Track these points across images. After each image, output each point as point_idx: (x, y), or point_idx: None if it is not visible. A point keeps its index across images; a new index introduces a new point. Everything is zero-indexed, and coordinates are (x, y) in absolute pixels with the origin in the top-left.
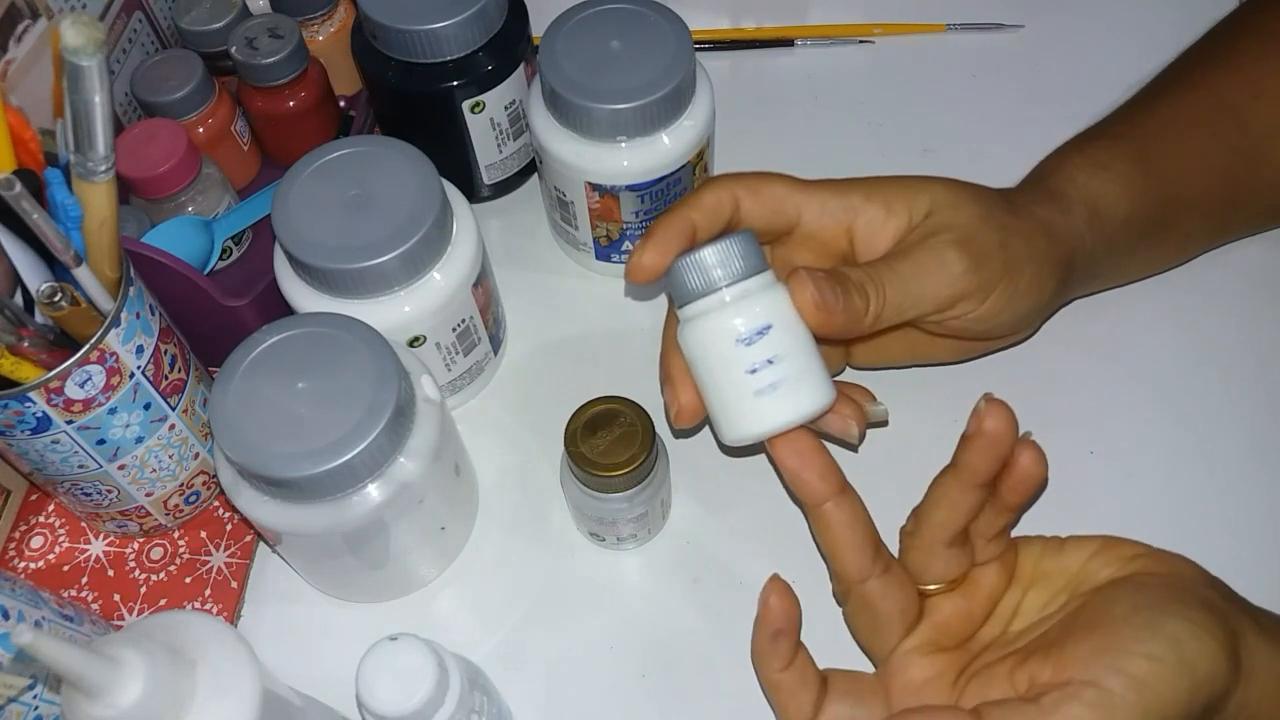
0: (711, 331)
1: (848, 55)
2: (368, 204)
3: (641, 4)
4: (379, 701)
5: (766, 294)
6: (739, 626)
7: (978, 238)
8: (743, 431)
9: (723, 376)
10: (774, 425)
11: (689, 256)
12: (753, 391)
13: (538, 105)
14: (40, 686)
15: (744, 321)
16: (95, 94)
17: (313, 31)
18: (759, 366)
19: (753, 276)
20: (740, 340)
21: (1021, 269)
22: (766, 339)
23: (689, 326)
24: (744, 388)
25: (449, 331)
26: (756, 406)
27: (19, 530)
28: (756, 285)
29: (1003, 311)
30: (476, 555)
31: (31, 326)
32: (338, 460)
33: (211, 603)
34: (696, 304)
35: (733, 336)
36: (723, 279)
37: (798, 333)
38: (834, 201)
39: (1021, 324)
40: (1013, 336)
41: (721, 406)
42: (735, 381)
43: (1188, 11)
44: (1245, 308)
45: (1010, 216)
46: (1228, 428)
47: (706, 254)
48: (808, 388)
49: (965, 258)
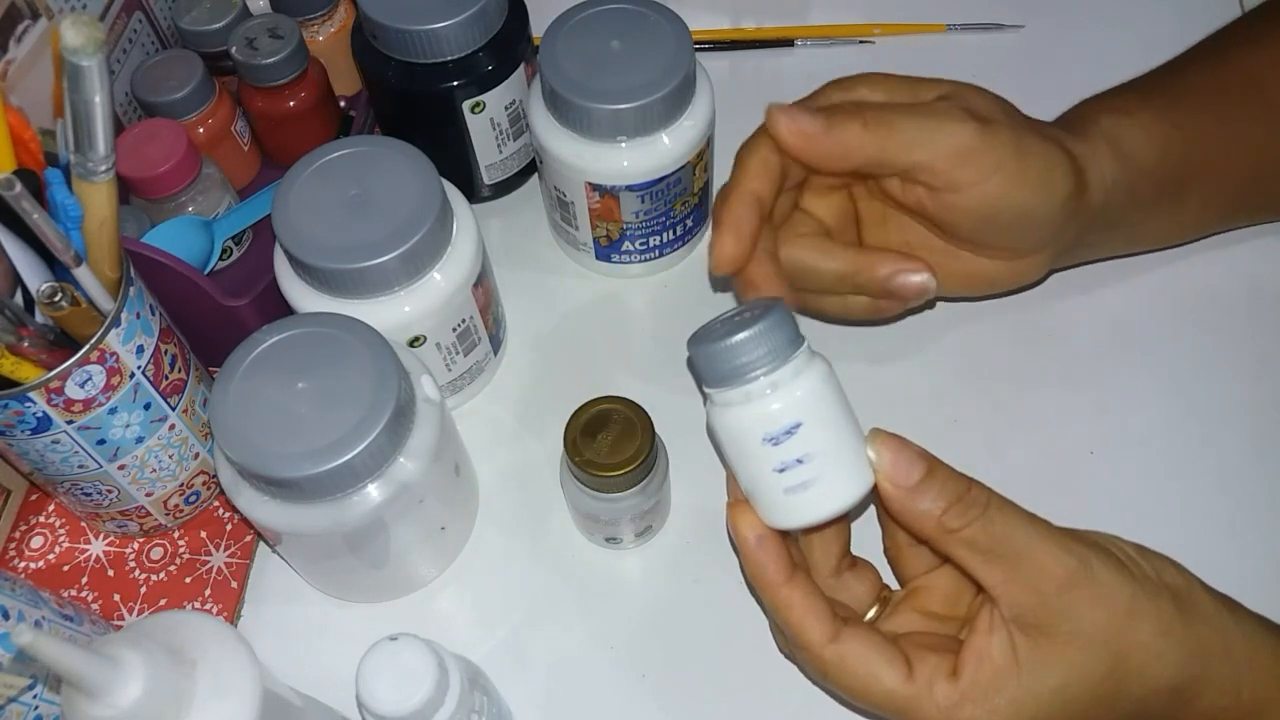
0: (739, 425)
1: (848, 55)
2: (368, 204)
3: (641, 4)
4: (379, 701)
5: (798, 383)
6: (739, 626)
7: (992, 118)
8: (774, 522)
9: (752, 469)
10: (805, 521)
11: (720, 343)
12: (782, 489)
13: (538, 105)
14: (40, 686)
15: (773, 419)
16: (95, 94)
17: (313, 31)
18: (788, 466)
19: (784, 365)
20: (768, 439)
21: (1031, 158)
22: (795, 438)
23: (717, 410)
24: (774, 484)
25: (449, 331)
26: (786, 503)
27: (19, 530)
28: (788, 375)
29: (1007, 196)
30: (476, 555)
31: (31, 326)
32: (338, 460)
33: (211, 603)
34: (724, 393)
35: (760, 435)
36: (751, 369)
37: (831, 421)
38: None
39: (1031, 231)
40: (1022, 266)
41: (752, 494)
42: (764, 476)
43: (1188, 11)
44: (1246, 307)
45: (1028, 123)
46: (1228, 428)
47: (737, 342)
48: (840, 481)
49: (975, 123)
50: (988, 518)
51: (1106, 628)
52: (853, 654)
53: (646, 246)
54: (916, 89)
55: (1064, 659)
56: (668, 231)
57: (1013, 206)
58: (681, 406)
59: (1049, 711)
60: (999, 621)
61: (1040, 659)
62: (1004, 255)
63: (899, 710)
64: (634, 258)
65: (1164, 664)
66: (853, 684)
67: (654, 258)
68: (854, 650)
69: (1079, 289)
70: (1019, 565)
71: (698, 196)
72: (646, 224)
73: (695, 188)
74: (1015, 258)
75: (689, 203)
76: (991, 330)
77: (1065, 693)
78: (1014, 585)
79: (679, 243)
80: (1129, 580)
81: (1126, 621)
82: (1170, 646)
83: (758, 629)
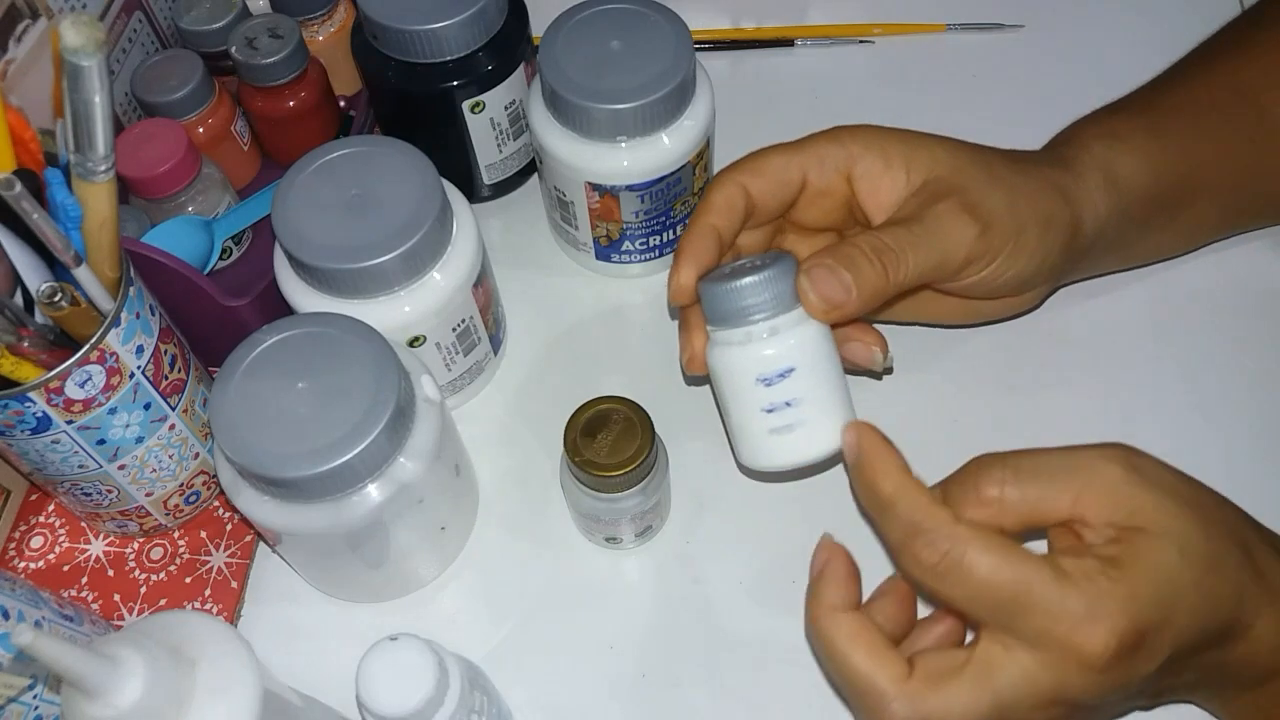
0: (735, 364)
1: (848, 55)
2: (368, 204)
3: (641, 4)
4: (379, 701)
5: (796, 332)
6: (739, 627)
7: (985, 201)
8: (751, 462)
9: (741, 407)
10: (782, 464)
11: (727, 284)
12: (767, 429)
13: (538, 105)
14: (40, 686)
15: (768, 362)
16: (95, 94)
17: (313, 31)
18: (776, 407)
19: (786, 313)
20: (761, 380)
21: (1027, 229)
22: (788, 381)
23: (716, 349)
24: (760, 424)
25: (449, 331)
26: (768, 443)
27: (19, 530)
28: (788, 321)
29: (1007, 272)
30: (476, 555)
31: (31, 326)
32: (338, 460)
33: (211, 603)
34: (725, 331)
35: (754, 375)
36: (753, 313)
37: (822, 372)
38: (832, 151)
39: (1025, 285)
40: (1017, 301)
41: (736, 432)
42: (752, 416)
43: (1188, 12)
44: (1250, 310)
45: (1017, 175)
46: (1233, 431)
47: (742, 285)
48: (823, 429)
49: (976, 222)
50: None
51: (1183, 492)
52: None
53: (646, 246)
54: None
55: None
56: (668, 231)
57: (1012, 275)
58: (681, 406)
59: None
60: (1093, 530)
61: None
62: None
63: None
64: (634, 258)
65: (1236, 524)
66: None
67: (654, 258)
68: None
69: (1080, 293)
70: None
71: (697, 196)
72: (646, 224)
73: (695, 188)
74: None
75: (689, 203)
76: (993, 334)
77: (1185, 560)
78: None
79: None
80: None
81: (1189, 485)
82: (1230, 512)
83: (758, 629)
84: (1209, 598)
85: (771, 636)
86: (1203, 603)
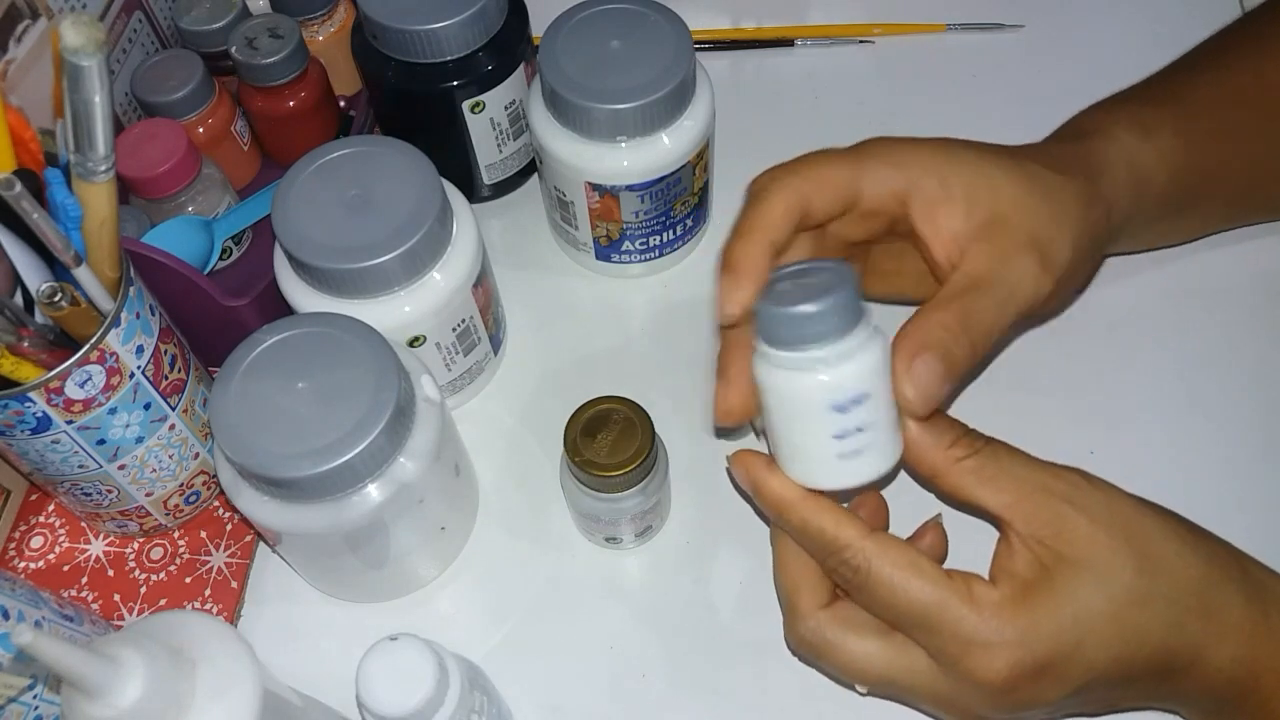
0: (805, 390)
1: (848, 55)
2: (368, 204)
3: (641, 4)
4: (379, 701)
5: (865, 354)
6: (739, 626)
7: (1054, 252)
8: (817, 483)
9: (805, 431)
10: (851, 484)
11: (794, 308)
12: (836, 454)
13: (538, 105)
14: (40, 686)
15: (841, 390)
16: (95, 94)
17: (313, 31)
18: (848, 433)
19: (853, 334)
20: (835, 407)
21: (1085, 265)
22: (861, 407)
23: (777, 372)
24: (828, 448)
25: (449, 331)
26: (838, 467)
27: (19, 530)
28: (856, 343)
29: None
30: (476, 555)
31: (31, 326)
32: (338, 460)
33: (211, 603)
34: (789, 354)
35: (828, 402)
36: (824, 338)
37: (887, 392)
38: (891, 175)
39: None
40: None
41: (797, 453)
42: (820, 440)
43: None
44: (1247, 306)
45: (1069, 198)
46: (1230, 428)
47: (813, 311)
48: (888, 447)
49: (1050, 280)
50: (991, 449)
51: (1122, 524)
52: (892, 546)
53: (646, 246)
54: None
55: (1091, 561)
56: (668, 231)
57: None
58: (681, 406)
59: (1090, 620)
60: (1018, 543)
61: (1068, 567)
62: None
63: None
64: (634, 258)
65: (1184, 561)
66: (893, 577)
67: (654, 258)
68: (892, 543)
69: None
70: (1023, 486)
71: (697, 196)
72: (646, 224)
73: (695, 188)
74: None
75: (689, 203)
76: None
77: (1104, 593)
78: (1025, 502)
79: (679, 242)
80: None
81: (1137, 518)
82: (1185, 548)
83: (758, 629)
84: (1130, 630)
85: (771, 636)
86: (1119, 636)
